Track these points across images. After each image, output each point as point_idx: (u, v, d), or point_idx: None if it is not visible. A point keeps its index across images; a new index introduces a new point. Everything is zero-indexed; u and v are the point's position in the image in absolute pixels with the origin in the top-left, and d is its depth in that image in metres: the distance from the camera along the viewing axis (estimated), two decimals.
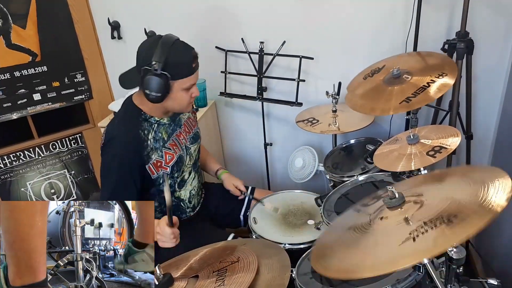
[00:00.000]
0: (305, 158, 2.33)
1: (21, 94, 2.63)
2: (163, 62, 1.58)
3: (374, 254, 1.03)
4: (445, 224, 0.96)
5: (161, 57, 1.58)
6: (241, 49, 2.46)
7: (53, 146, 2.84)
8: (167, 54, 1.59)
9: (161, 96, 1.62)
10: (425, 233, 0.96)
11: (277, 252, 1.33)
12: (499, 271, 2.16)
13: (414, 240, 0.96)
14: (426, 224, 0.99)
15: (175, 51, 1.62)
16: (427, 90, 1.72)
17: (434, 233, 0.95)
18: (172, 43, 1.62)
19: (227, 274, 1.17)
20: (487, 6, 2.09)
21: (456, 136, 1.53)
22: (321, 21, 2.35)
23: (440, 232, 0.94)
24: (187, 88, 1.69)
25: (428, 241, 0.94)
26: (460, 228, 0.92)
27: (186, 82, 1.67)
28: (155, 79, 1.58)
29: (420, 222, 1.01)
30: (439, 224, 0.96)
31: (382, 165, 1.58)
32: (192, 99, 1.75)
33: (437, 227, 0.96)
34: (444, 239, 0.92)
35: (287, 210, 2.02)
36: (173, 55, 1.61)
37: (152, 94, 1.61)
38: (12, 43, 2.52)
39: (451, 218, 0.96)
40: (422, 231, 0.97)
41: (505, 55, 2.16)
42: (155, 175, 1.77)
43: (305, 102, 2.41)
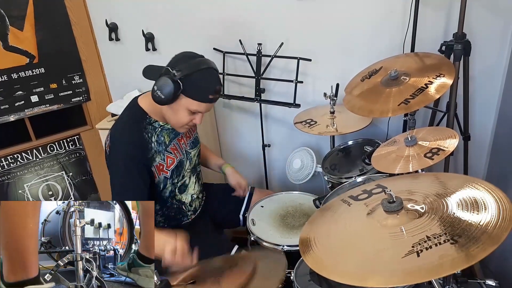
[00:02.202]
0: (303, 159, 2.33)
1: (18, 96, 2.63)
2: (184, 74, 1.59)
3: (377, 262, 1.01)
4: (450, 242, 0.94)
5: (187, 70, 1.60)
6: (239, 51, 2.46)
7: (50, 148, 2.83)
8: (194, 71, 1.61)
9: (164, 100, 1.61)
10: (429, 249, 0.95)
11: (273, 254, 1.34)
12: (497, 272, 2.17)
13: (418, 255, 0.94)
14: (430, 239, 0.97)
15: (202, 74, 1.63)
16: (426, 91, 1.71)
17: (439, 251, 0.93)
18: (205, 67, 1.64)
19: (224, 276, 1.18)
20: (484, 8, 2.10)
21: (454, 138, 1.54)
22: (319, 22, 2.36)
23: (445, 251, 0.93)
24: (191, 110, 1.68)
25: (433, 259, 0.92)
26: (466, 252, 0.91)
27: (194, 105, 1.66)
28: (168, 81, 1.58)
29: (423, 236, 1.00)
30: (443, 242, 0.95)
31: (380, 167, 1.58)
32: (191, 124, 1.75)
33: (441, 244, 0.95)
34: (451, 262, 0.90)
35: (285, 211, 2.02)
36: (198, 76, 1.62)
37: (157, 92, 1.61)
38: (10, 45, 2.52)
39: (455, 238, 0.95)
40: (426, 246, 0.96)
41: (502, 56, 2.17)
42: (157, 179, 1.77)
43: (303, 104, 2.41)
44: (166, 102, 1.63)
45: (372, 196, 1.31)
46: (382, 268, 0.98)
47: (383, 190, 1.23)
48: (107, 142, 1.75)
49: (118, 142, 1.71)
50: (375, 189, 1.34)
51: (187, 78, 1.59)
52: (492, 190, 1.11)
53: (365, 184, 1.41)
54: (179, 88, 1.60)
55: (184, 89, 1.61)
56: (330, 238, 1.18)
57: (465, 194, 1.13)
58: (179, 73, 1.59)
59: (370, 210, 1.21)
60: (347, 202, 1.33)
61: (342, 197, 1.37)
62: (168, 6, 2.55)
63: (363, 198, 1.32)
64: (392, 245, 1.04)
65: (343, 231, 1.20)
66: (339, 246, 1.14)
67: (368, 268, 1.00)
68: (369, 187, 1.37)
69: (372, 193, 1.32)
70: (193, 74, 1.60)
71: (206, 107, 1.70)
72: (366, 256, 1.05)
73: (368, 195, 1.32)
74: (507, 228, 0.94)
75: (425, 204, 1.13)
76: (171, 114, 1.71)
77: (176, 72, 1.59)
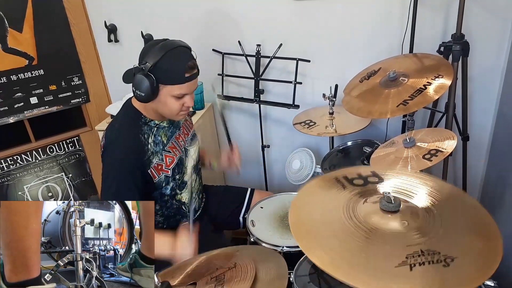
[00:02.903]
0: (302, 160, 2.33)
1: (18, 98, 2.63)
2: (152, 64, 1.57)
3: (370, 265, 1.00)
4: (442, 264, 0.95)
5: (153, 59, 1.58)
6: (238, 52, 2.47)
7: (50, 150, 2.83)
8: (160, 57, 1.58)
9: (146, 97, 1.60)
10: (422, 265, 0.95)
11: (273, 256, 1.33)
12: (496, 272, 2.17)
13: (410, 269, 0.94)
14: (423, 254, 0.97)
15: (169, 57, 1.60)
16: (424, 92, 1.71)
17: (431, 271, 0.93)
18: (170, 49, 1.61)
19: (225, 280, 1.18)
20: (483, 9, 2.10)
21: (452, 139, 1.54)
22: (318, 23, 2.37)
23: (436, 272, 0.93)
24: (176, 96, 1.65)
25: (424, 279, 0.92)
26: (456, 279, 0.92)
27: (176, 90, 1.64)
28: (141, 78, 1.58)
29: (418, 249, 0.99)
30: (436, 262, 0.95)
31: (378, 168, 1.58)
32: (184, 108, 1.72)
33: (434, 263, 0.95)
34: (439, 285, 0.91)
35: (285, 212, 2.02)
36: (165, 60, 1.59)
37: (137, 93, 1.61)
38: (9, 47, 2.52)
39: (447, 261, 0.95)
40: (419, 262, 0.96)
41: (501, 57, 2.18)
42: (157, 179, 1.77)
43: (302, 104, 2.42)
44: (150, 98, 1.62)
45: (368, 185, 1.28)
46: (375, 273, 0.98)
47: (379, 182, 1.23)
48: (102, 142, 1.75)
49: (113, 145, 1.70)
50: (371, 177, 1.32)
51: (156, 67, 1.58)
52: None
53: (361, 168, 1.39)
54: (153, 80, 1.58)
55: (158, 78, 1.59)
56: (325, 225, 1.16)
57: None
58: (147, 65, 1.57)
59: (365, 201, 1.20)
60: (341, 183, 1.30)
61: (336, 175, 1.33)
62: (167, 7, 2.55)
63: (358, 184, 1.29)
64: (386, 247, 1.04)
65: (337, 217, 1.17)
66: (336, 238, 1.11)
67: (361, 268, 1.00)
68: (365, 173, 1.34)
69: (368, 181, 1.30)
70: (159, 61, 1.58)
71: (188, 87, 1.66)
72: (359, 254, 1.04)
73: (364, 183, 1.29)
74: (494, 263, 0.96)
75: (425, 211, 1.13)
76: (161, 106, 1.69)
77: (144, 66, 1.58)
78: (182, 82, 1.63)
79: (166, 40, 1.65)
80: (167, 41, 1.65)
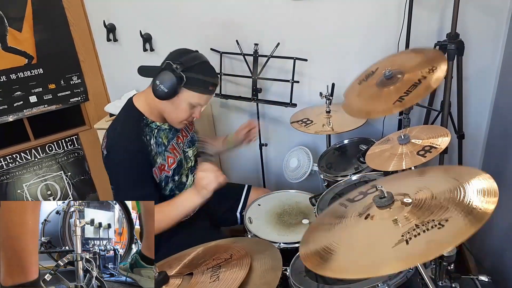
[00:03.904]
0: (299, 158, 2.35)
1: (17, 97, 2.64)
2: (186, 67, 1.63)
3: (368, 254, 1.03)
4: (437, 227, 0.96)
5: (187, 63, 1.64)
6: (236, 51, 2.48)
7: (49, 148, 2.85)
8: (194, 64, 1.65)
9: (167, 94, 1.63)
10: (418, 236, 0.97)
11: (268, 248, 1.35)
12: (491, 268, 2.20)
13: (407, 243, 0.96)
14: (418, 227, 0.99)
15: (201, 67, 1.69)
16: (419, 86, 1.70)
17: (427, 237, 0.95)
18: (202, 60, 1.70)
19: (221, 270, 1.19)
20: (477, 8, 2.12)
21: (446, 136, 1.56)
22: (315, 23, 2.38)
23: (432, 236, 0.95)
24: (192, 103, 1.71)
25: (421, 245, 0.95)
26: (452, 233, 0.93)
27: (195, 98, 1.69)
28: (171, 75, 1.61)
29: (412, 224, 1.02)
30: (431, 228, 0.97)
31: (374, 165, 1.60)
32: (189, 118, 1.77)
33: (429, 230, 0.97)
34: (437, 244, 0.93)
35: (282, 209, 2.04)
36: (198, 68, 1.66)
37: (160, 87, 1.62)
38: (8, 46, 2.53)
39: (442, 223, 0.97)
40: (414, 234, 0.98)
41: (495, 56, 2.20)
42: (158, 178, 1.79)
43: (299, 103, 2.44)
44: (168, 97, 1.65)
45: (367, 196, 1.32)
46: (376, 259, 1.01)
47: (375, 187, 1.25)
48: (103, 144, 1.76)
49: (118, 146, 1.71)
50: (370, 190, 1.35)
51: (188, 70, 1.63)
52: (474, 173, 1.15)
53: (362, 187, 1.42)
54: (181, 81, 1.63)
55: (187, 81, 1.64)
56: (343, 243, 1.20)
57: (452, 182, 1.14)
58: (181, 66, 1.62)
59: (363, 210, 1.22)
60: (344, 205, 1.34)
61: (340, 201, 1.38)
62: (166, 7, 2.56)
63: (359, 199, 1.33)
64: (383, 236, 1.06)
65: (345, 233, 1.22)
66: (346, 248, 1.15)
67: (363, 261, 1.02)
68: (365, 189, 1.38)
69: (367, 193, 1.34)
70: (193, 66, 1.65)
71: (206, 99, 1.74)
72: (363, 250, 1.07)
73: (363, 196, 1.33)
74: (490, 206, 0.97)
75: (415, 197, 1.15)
76: (172, 109, 1.72)
77: (178, 66, 1.62)
78: (205, 93, 1.71)
79: (198, 52, 1.74)
80: (200, 53, 1.74)
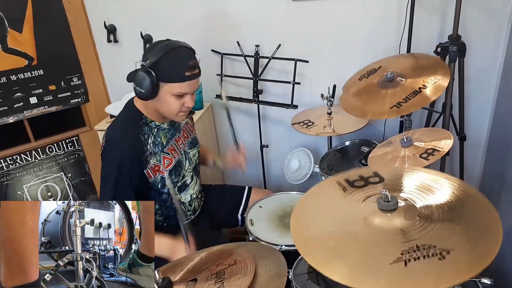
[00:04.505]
0: (301, 160, 2.35)
1: (17, 98, 2.64)
2: (153, 61, 1.60)
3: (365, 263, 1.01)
4: (437, 257, 0.94)
5: (154, 56, 1.60)
6: (237, 52, 2.48)
7: (49, 149, 2.84)
8: (162, 55, 1.60)
9: (146, 94, 1.62)
10: (417, 260, 0.94)
11: (272, 253, 1.34)
12: (493, 271, 2.18)
13: (405, 264, 0.94)
14: (419, 249, 0.97)
15: (171, 55, 1.62)
16: (419, 95, 1.70)
17: (426, 265, 0.93)
18: (172, 48, 1.63)
19: (225, 277, 1.18)
20: (479, 10, 2.12)
21: (449, 139, 1.56)
22: (316, 24, 2.38)
23: (431, 265, 0.93)
24: (177, 94, 1.67)
25: (418, 274, 0.92)
26: (451, 269, 0.91)
27: (176, 88, 1.65)
28: (142, 74, 1.60)
29: (413, 244, 0.99)
30: (432, 256, 0.95)
31: (376, 168, 1.60)
32: (184, 108, 1.73)
33: (429, 257, 0.94)
34: (434, 279, 0.90)
35: (283, 211, 2.03)
36: (167, 58, 1.61)
37: (137, 89, 1.62)
38: (9, 47, 2.53)
39: (443, 254, 0.94)
40: (414, 257, 0.95)
41: (497, 57, 2.19)
42: (152, 179, 1.78)
43: (301, 105, 2.43)
44: (150, 96, 1.63)
45: (369, 186, 1.28)
46: (370, 272, 0.98)
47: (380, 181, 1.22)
48: (102, 141, 1.76)
49: (113, 144, 1.72)
50: (372, 178, 1.31)
51: (157, 64, 1.60)
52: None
53: (362, 169, 1.37)
54: (153, 76, 1.60)
55: (158, 75, 1.61)
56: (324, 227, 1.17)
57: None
58: (148, 62, 1.60)
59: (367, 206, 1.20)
60: (342, 186, 1.30)
61: (338, 179, 1.33)
62: (166, 8, 2.56)
63: (359, 185, 1.29)
64: (383, 245, 1.04)
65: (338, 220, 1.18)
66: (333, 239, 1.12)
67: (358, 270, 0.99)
68: (367, 174, 1.33)
69: (369, 181, 1.30)
70: (160, 58, 1.60)
71: (189, 85, 1.67)
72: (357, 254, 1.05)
73: (365, 183, 1.29)
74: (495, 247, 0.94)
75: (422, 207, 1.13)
76: (161, 105, 1.70)
77: (145, 63, 1.60)
78: (182, 80, 1.64)
79: (169, 40, 1.68)
80: (170, 41, 1.68)
